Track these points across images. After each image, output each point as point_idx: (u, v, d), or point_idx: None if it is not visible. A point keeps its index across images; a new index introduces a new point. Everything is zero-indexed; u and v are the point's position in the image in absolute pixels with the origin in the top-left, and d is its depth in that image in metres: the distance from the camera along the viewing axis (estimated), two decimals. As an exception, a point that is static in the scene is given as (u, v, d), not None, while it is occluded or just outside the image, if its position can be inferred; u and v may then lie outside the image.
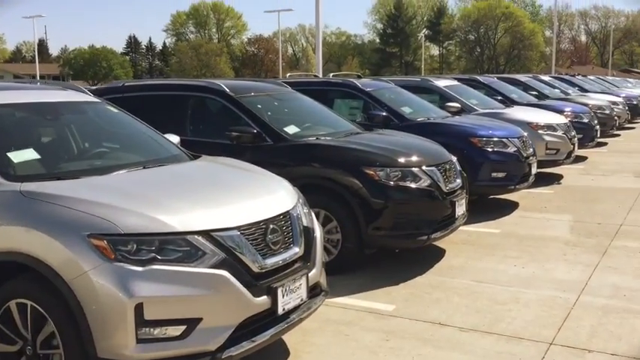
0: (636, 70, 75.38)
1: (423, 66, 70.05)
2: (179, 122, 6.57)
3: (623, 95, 21.61)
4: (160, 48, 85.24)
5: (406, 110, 8.57)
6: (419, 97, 9.76)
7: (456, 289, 5.28)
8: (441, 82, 11.04)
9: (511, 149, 8.16)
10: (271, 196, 3.92)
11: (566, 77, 22.23)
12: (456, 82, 11.51)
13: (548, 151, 9.93)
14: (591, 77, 26.24)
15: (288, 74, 12.05)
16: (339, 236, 5.66)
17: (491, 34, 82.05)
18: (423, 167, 5.81)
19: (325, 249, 5.62)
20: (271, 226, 3.65)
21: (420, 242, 5.73)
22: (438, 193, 5.78)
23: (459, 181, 6.25)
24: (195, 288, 3.22)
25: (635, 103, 22.52)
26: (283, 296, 3.58)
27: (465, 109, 9.96)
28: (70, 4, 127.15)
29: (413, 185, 5.67)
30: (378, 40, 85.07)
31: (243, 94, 6.49)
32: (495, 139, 8.13)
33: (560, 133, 10.23)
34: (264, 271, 3.50)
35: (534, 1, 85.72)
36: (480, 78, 13.55)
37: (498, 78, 14.72)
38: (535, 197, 9.09)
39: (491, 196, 8.72)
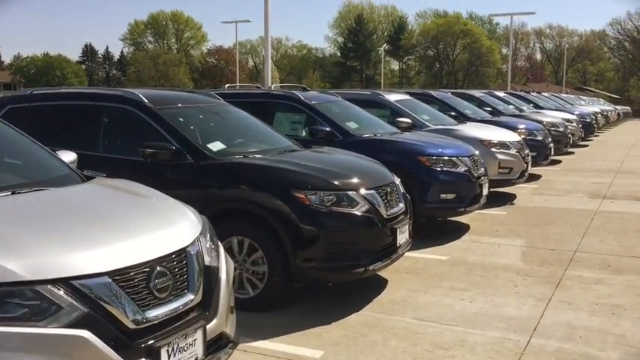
0: (589, 88, 77.24)
1: (382, 80, 70.02)
2: (91, 136, 5.89)
3: (577, 113, 21.62)
4: (118, 57, 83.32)
5: (352, 125, 7.99)
6: (369, 111, 9.22)
7: (395, 330, 4.66)
8: (392, 97, 10.50)
9: (461, 169, 7.64)
10: (163, 230, 3.22)
11: (521, 94, 22.10)
12: (407, 97, 11.03)
13: (501, 170, 9.51)
14: (546, 94, 26.37)
15: (227, 85, 11.31)
16: (266, 268, 4.99)
17: (450, 50, 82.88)
18: (361, 191, 5.19)
19: (250, 282, 5.02)
20: (158, 268, 2.95)
21: (356, 275, 5.09)
22: (377, 220, 5.16)
23: (401, 205, 5.64)
24: (44, 356, 2.51)
25: (588, 120, 22.49)
26: (169, 357, 2.88)
27: (416, 125, 9.45)
28: (25, 10, 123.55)
29: (349, 211, 5.03)
30: (339, 54, 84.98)
31: (163, 106, 5.79)
32: (445, 157, 7.61)
33: (513, 151, 9.85)
34: (143, 326, 2.80)
35: (491, 19, 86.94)
36: (434, 93, 13.07)
37: (452, 93, 14.33)
38: (487, 219, 8.60)
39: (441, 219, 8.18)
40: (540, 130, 12.77)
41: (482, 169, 8.18)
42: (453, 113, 11.74)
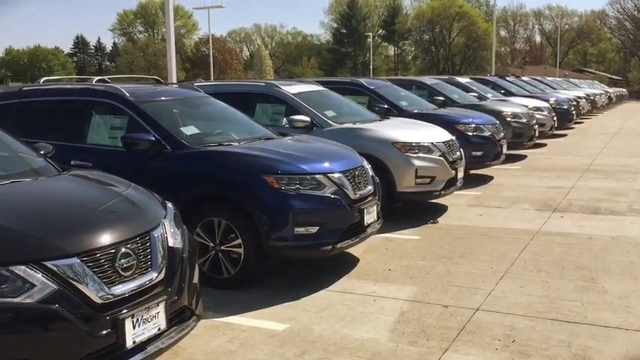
0: (589, 70, 76.91)
1: (371, 67, 69.84)
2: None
3: (553, 100, 19.17)
4: (110, 48, 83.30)
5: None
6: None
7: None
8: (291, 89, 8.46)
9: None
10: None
11: (492, 79, 19.96)
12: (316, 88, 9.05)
13: (418, 180, 7.67)
14: (525, 78, 24.15)
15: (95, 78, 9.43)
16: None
17: (446, 33, 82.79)
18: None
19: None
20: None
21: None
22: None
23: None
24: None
25: (565, 107, 19.95)
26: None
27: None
28: (16, 3, 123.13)
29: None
30: (332, 40, 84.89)
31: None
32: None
33: (436, 155, 7.85)
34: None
35: (488, 0, 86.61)
36: (364, 82, 11.05)
37: (393, 81, 12.29)
38: (390, 247, 6.67)
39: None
40: (489, 124, 10.66)
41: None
42: (385, 106, 9.92)
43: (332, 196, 5.41)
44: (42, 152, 4.53)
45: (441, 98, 12.43)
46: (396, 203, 7.83)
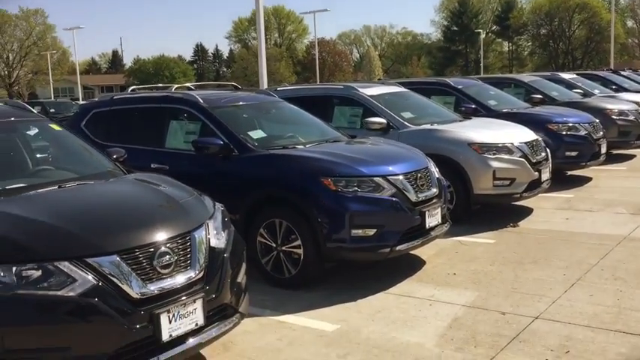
0: None
1: (482, 64, 67.61)
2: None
3: None
4: (227, 55, 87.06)
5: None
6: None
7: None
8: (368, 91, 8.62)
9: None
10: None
11: (603, 74, 18.40)
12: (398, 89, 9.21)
13: (497, 182, 7.37)
14: None
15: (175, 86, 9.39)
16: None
17: (566, 26, 78.54)
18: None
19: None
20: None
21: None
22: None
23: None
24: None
25: None
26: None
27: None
28: (143, 15, 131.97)
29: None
30: (442, 39, 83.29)
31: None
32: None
33: (515, 156, 7.55)
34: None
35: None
36: (451, 81, 10.84)
37: (488, 80, 12.20)
38: (461, 251, 6.51)
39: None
40: (586, 123, 10.02)
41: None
42: (472, 106, 9.80)
43: (391, 199, 5.41)
44: (114, 157, 4.90)
45: (539, 96, 11.91)
46: (473, 206, 7.64)
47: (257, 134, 6.21)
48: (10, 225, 3.35)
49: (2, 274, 3.08)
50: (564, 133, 9.70)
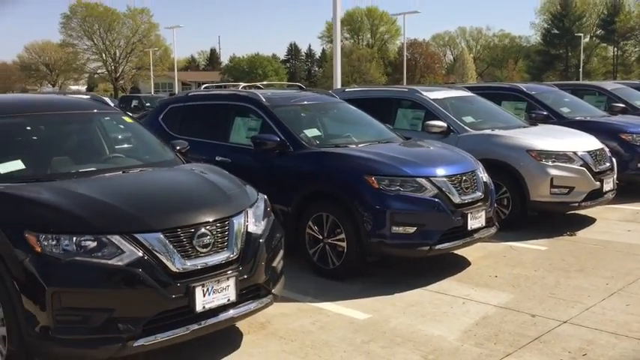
0: None
1: (581, 69, 64.60)
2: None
3: None
4: (319, 55, 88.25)
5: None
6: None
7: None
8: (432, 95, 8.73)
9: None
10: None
11: None
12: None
13: (554, 190, 7.45)
14: None
15: (204, 85, 9.62)
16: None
17: (679, 31, 73.75)
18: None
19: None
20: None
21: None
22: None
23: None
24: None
25: None
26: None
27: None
28: (241, 16, 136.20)
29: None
30: (541, 42, 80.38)
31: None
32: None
33: (575, 165, 7.53)
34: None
35: None
36: (523, 87, 10.73)
37: (567, 87, 12.15)
38: (509, 255, 6.61)
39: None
40: None
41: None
42: (544, 113, 9.73)
43: (433, 199, 5.62)
44: (178, 148, 5.43)
45: (620, 105, 11.56)
46: (530, 212, 7.65)
47: (312, 132, 6.59)
48: (75, 201, 3.89)
49: (66, 242, 3.62)
50: (638, 143, 9.43)
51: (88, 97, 6.02)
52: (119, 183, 4.40)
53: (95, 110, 5.45)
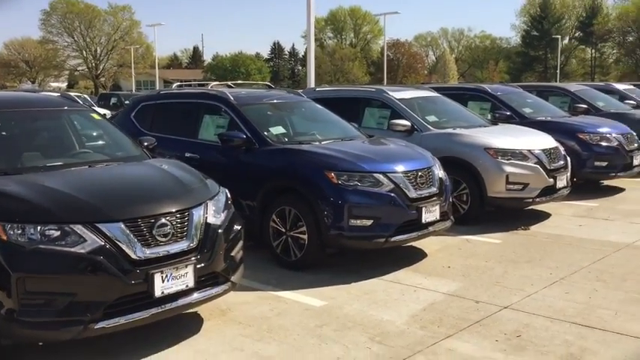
0: None
1: (558, 70, 65.61)
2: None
3: None
4: (303, 54, 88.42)
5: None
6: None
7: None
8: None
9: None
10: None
11: None
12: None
13: (510, 186, 7.76)
14: None
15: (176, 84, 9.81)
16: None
17: (654, 34, 74.95)
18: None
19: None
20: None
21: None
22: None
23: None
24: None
25: None
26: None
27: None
28: (224, 14, 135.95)
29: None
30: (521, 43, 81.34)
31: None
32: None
33: (530, 162, 7.87)
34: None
35: None
36: (488, 88, 11.16)
37: (531, 88, 12.67)
38: (468, 247, 6.94)
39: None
40: (619, 134, 10.15)
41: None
42: (507, 113, 10.12)
43: (388, 194, 5.93)
44: (145, 144, 5.68)
45: (583, 106, 11.99)
46: (487, 208, 8.00)
47: (277, 130, 6.87)
48: (40, 193, 4.13)
49: (31, 231, 3.86)
50: (594, 143, 9.83)
51: (58, 94, 6.23)
52: (84, 176, 4.65)
53: (65, 107, 5.68)
